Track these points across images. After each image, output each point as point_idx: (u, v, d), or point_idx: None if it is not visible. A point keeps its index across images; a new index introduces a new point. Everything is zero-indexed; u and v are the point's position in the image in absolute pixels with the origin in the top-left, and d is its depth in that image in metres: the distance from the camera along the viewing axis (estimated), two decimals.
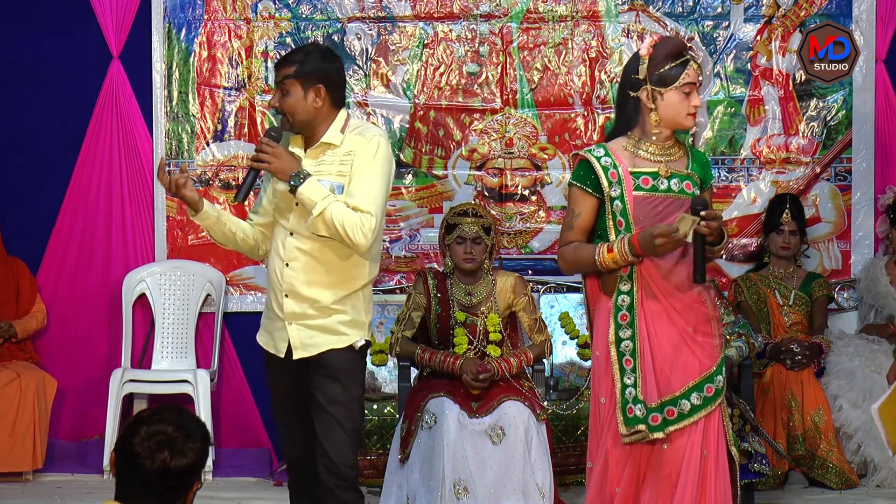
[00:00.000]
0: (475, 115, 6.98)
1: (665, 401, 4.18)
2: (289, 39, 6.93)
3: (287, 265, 4.44)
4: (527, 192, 6.97)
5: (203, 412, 6.46)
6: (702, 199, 4.18)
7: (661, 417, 4.18)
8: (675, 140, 4.33)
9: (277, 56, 6.70)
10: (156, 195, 6.97)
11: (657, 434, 4.17)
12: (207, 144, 6.99)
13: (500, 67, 6.95)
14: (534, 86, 6.95)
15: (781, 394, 6.32)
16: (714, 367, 4.23)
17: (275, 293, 4.50)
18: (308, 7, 6.97)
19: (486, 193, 6.96)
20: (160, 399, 6.65)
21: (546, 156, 6.97)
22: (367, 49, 6.97)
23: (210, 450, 3.21)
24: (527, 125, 6.96)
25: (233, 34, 6.98)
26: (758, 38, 6.94)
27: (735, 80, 6.96)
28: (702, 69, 4.31)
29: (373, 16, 6.96)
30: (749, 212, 6.95)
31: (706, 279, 4.32)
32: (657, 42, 4.30)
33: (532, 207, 6.97)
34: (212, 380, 6.67)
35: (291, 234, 4.44)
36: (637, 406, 4.18)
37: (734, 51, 6.95)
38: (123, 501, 3.07)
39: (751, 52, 6.95)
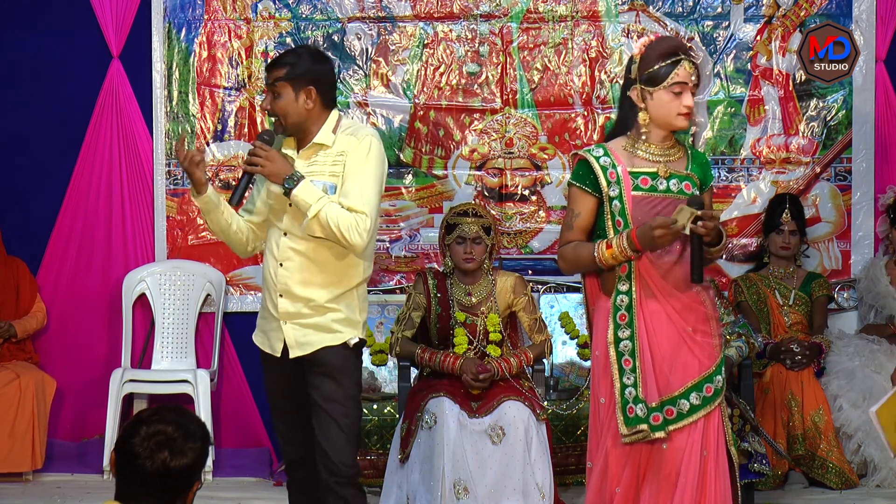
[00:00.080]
0: (475, 115, 6.98)
1: (664, 400, 4.18)
2: (289, 39, 6.93)
3: (281, 265, 4.47)
4: (527, 192, 6.97)
5: (203, 412, 6.46)
6: (698, 199, 4.17)
7: (661, 417, 4.18)
8: (676, 140, 4.32)
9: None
10: (156, 195, 6.97)
11: (659, 433, 4.17)
12: (207, 144, 6.98)
13: (500, 67, 6.95)
14: (534, 86, 6.95)
15: (781, 394, 6.32)
16: (713, 367, 4.22)
17: (269, 293, 4.53)
18: (308, 7, 6.97)
19: (486, 193, 6.97)
20: (160, 399, 6.65)
21: (546, 156, 6.97)
22: (367, 49, 6.97)
23: (210, 450, 3.21)
24: (527, 125, 6.96)
25: (233, 34, 6.98)
26: (758, 38, 6.94)
27: (735, 80, 6.96)
28: (698, 70, 4.26)
29: (373, 16, 6.96)
30: (749, 212, 6.95)
31: (706, 279, 4.33)
32: (651, 42, 4.30)
33: (532, 207, 6.97)
34: (212, 380, 6.67)
35: (285, 235, 4.48)
36: (638, 406, 4.17)
37: (734, 51, 6.95)
38: (123, 501, 3.07)
39: (751, 52, 6.95)
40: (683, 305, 4.22)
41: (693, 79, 4.21)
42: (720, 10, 6.95)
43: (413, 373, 5.87)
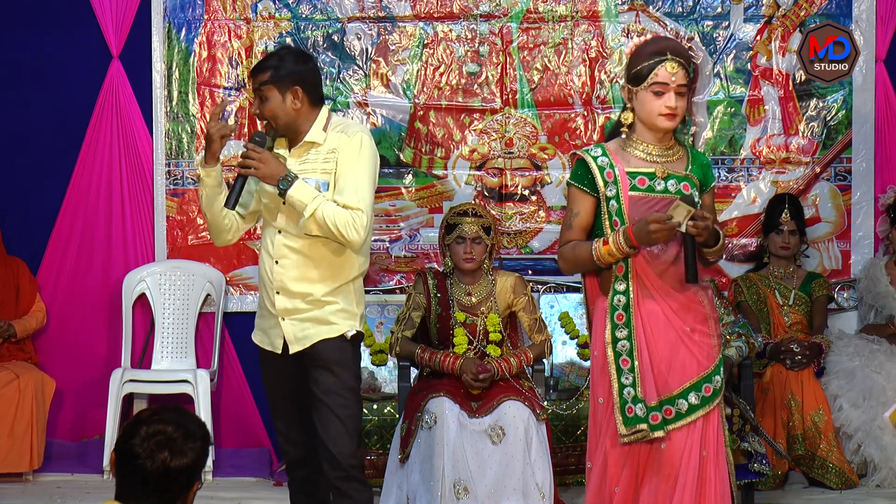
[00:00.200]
0: (475, 115, 6.98)
1: (663, 400, 4.18)
2: (289, 39, 6.93)
3: (277, 262, 4.51)
4: (527, 192, 6.97)
5: (203, 412, 6.46)
6: (690, 198, 4.16)
7: (660, 417, 4.18)
8: (676, 141, 4.31)
9: None
10: (156, 195, 6.97)
11: (658, 433, 4.16)
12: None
13: (500, 67, 6.95)
14: (534, 86, 6.95)
15: (781, 394, 6.32)
16: (712, 367, 4.22)
17: (266, 291, 4.56)
18: (308, 7, 6.97)
19: (486, 193, 6.96)
20: (160, 399, 6.65)
21: (546, 156, 6.97)
22: (367, 49, 6.97)
23: (210, 450, 3.21)
24: (527, 125, 6.96)
25: (233, 34, 6.98)
26: (758, 38, 6.94)
27: (735, 80, 6.95)
28: (686, 71, 4.22)
29: (373, 16, 6.96)
30: (749, 212, 6.95)
31: (706, 279, 4.32)
32: (643, 41, 4.30)
33: (532, 207, 6.97)
34: (212, 380, 6.67)
35: (280, 233, 4.52)
36: (637, 406, 4.17)
37: (734, 51, 6.95)
38: (123, 501, 3.07)
39: (751, 52, 6.95)
40: (681, 305, 4.22)
41: (674, 79, 4.15)
42: (720, 10, 6.94)
43: (413, 373, 5.87)
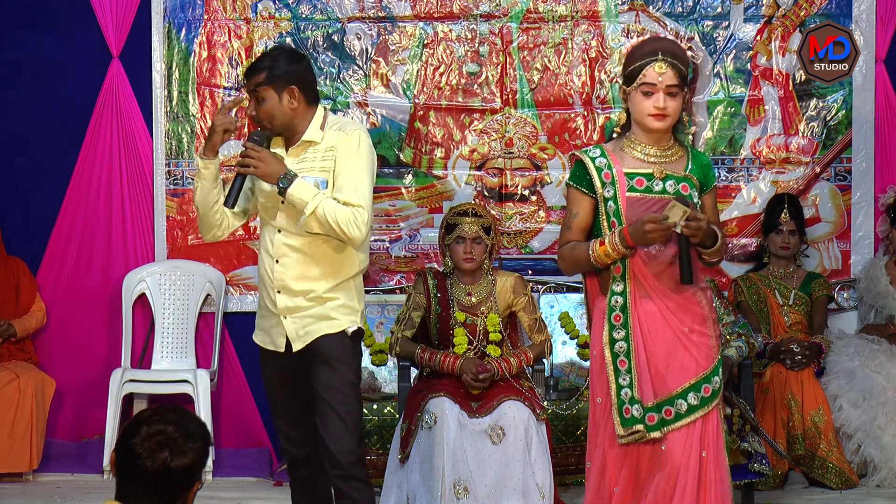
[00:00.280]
0: (475, 115, 6.97)
1: (662, 400, 4.17)
2: (289, 39, 6.93)
3: (277, 262, 4.51)
4: (527, 192, 6.97)
5: (203, 412, 6.46)
6: (684, 199, 4.16)
7: (657, 417, 4.17)
8: (676, 141, 4.31)
9: None
10: (156, 195, 6.97)
11: (655, 434, 4.16)
12: None
13: (500, 67, 6.95)
14: (534, 86, 6.95)
15: (781, 394, 6.32)
16: (711, 368, 4.21)
17: (267, 290, 4.56)
18: (308, 7, 6.97)
19: (486, 193, 6.96)
20: (160, 399, 6.65)
21: (546, 156, 6.97)
22: (367, 49, 6.97)
23: (210, 450, 3.21)
24: (527, 125, 6.96)
25: (233, 34, 6.98)
26: (758, 38, 6.94)
27: (735, 80, 6.95)
28: (680, 72, 4.20)
29: (373, 16, 6.96)
30: (749, 212, 6.95)
31: (705, 279, 4.32)
32: (639, 42, 4.31)
33: (532, 207, 6.97)
34: (212, 380, 6.67)
35: (280, 232, 4.51)
36: (634, 406, 4.17)
37: (734, 51, 6.95)
38: (124, 501, 3.07)
39: (751, 52, 6.95)
40: (678, 306, 4.21)
41: (662, 80, 4.15)
42: (720, 10, 6.94)
43: (413, 373, 5.87)
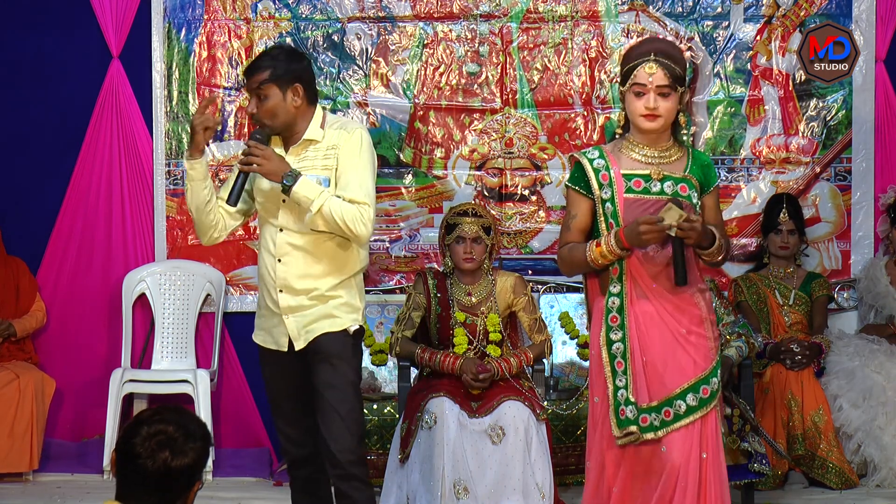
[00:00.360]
0: (475, 115, 6.97)
1: (661, 402, 4.17)
2: (289, 39, 6.93)
3: (279, 261, 4.50)
4: (527, 192, 6.97)
5: (203, 412, 6.45)
6: (678, 201, 4.16)
7: (651, 419, 4.16)
8: (675, 142, 4.30)
9: None
10: (156, 195, 6.97)
11: (648, 435, 4.16)
12: (207, 144, 6.95)
13: (500, 67, 6.95)
14: (534, 86, 6.95)
15: (781, 394, 6.32)
16: (710, 369, 4.21)
17: (268, 289, 4.55)
18: (308, 7, 6.97)
19: (486, 193, 6.96)
20: (160, 399, 6.65)
21: (546, 156, 6.97)
22: (367, 49, 6.97)
23: (210, 450, 3.21)
24: (527, 125, 6.96)
25: (233, 34, 6.98)
26: (758, 38, 6.94)
27: (735, 80, 6.95)
28: (672, 72, 4.19)
29: (373, 16, 6.96)
30: (749, 212, 6.95)
31: (705, 280, 4.32)
32: (637, 42, 4.32)
33: (532, 207, 6.97)
34: (212, 380, 6.67)
35: (281, 231, 4.50)
36: (628, 408, 4.18)
37: (734, 51, 6.95)
38: (124, 501, 3.07)
39: (751, 52, 6.95)
40: (675, 307, 4.21)
41: (652, 80, 4.15)
42: (720, 10, 6.94)
43: (413, 373, 5.87)
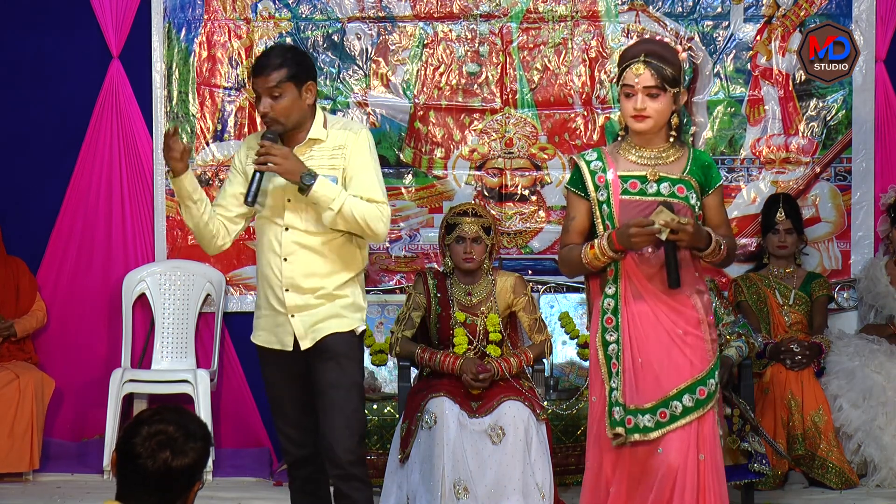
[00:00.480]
0: (475, 115, 6.98)
1: (656, 403, 4.17)
2: (289, 39, 6.93)
3: (285, 260, 4.48)
4: (527, 192, 6.97)
5: (203, 412, 6.45)
6: (668, 204, 4.15)
7: (637, 421, 4.16)
8: (676, 142, 4.30)
9: None
10: (156, 195, 6.97)
11: (635, 436, 4.16)
12: (207, 144, 6.99)
13: (500, 67, 6.95)
14: (534, 86, 6.95)
15: (781, 394, 6.32)
16: (706, 370, 4.21)
17: (272, 289, 4.53)
18: (308, 7, 6.97)
19: (486, 193, 6.97)
20: (160, 399, 6.65)
21: (546, 156, 6.97)
22: (367, 49, 6.97)
23: (210, 450, 3.21)
24: (527, 125, 6.96)
25: (233, 34, 6.98)
26: (758, 38, 6.94)
27: (735, 80, 6.96)
28: (661, 73, 4.19)
29: (373, 16, 6.96)
30: (749, 212, 6.95)
31: (706, 280, 4.32)
32: (631, 44, 4.33)
33: (532, 207, 6.97)
34: (212, 380, 6.67)
35: (287, 230, 4.49)
36: (615, 409, 4.19)
37: (734, 51, 6.95)
38: (124, 501, 3.07)
39: (751, 52, 6.95)
40: (671, 308, 4.21)
41: (638, 81, 4.16)
42: (720, 10, 6.94)
43: (413, 373, 5.87)
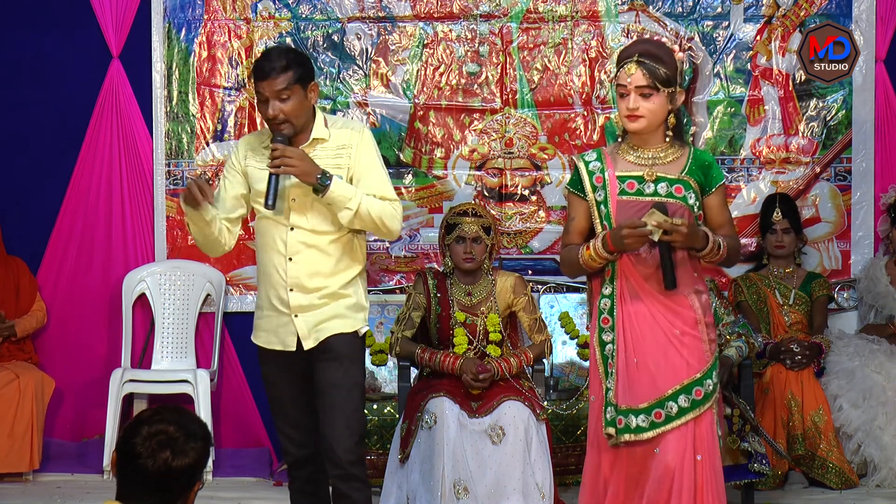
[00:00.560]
0: (475, 115, 6.98)
1: (652, 403, 4.17)
2: (289, 39, 6.93)
3: (290, 259, 4.48)
4: (527, 192, 6.97)
5: (203, 412, 6.45)
6: (662, 205, 4.15)
7: (628, 421, 4.16)
8: (674, 142, 4.29)
9: None
10: (156, 195, 6.97)
11: (626, 437, 4.17)
12: (207, 144, 6.99)
13: (500, 67, 6.95)
14: (534, 86, 6.95)
15: (781, 394, 6.32)
16: (704, 371, 4.21)
17: (276, 289, 4.52)
18: (308, 7, 6.97)
19: (486, 193, 6.97)
20: (160, 399, 6.65)
21: (546, 156, 6.97)
22: (367, 49, 6.97)
23: (210, 450, 3.21)
24: (527, 125, 6.96)
25: (233, 34, 6.98)
26: (758, 38, 6.94)
27: (735, 80, 6.96)
28: (652, 73, 4.19)
29: (373, 16, 6.96)
30: (749, 212, 6.95)
31: (706, 279, 4.32)
32: (627, 45, 4.34)
33: (532, 207, 6.97)
34: (212, 380, 6.67)
35: (292, 230, 4.48)
36: (609, 409, 4.19)
37: (734, 51, 6.95)
38: (124, 501, 3.07)
39: (751, 52, 6.95)
40: (668, 308, 4.21)
41: (630, 81, 4.16)
42: (720, 10, 6.94)
43: (413, 373, 5.87)
